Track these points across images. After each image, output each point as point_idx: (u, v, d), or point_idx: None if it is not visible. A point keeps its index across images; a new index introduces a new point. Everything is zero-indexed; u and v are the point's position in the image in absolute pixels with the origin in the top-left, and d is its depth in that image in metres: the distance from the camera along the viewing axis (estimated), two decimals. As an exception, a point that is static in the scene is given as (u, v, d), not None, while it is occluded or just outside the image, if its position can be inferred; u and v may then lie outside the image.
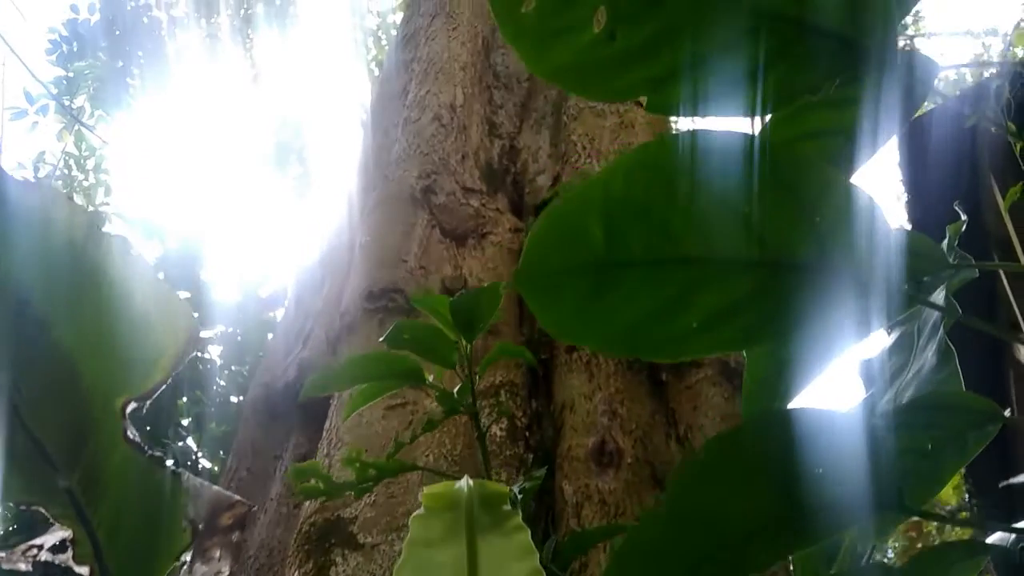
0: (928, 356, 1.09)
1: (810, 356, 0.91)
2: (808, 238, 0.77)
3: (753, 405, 0.97)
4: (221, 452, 4.86)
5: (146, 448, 0.90)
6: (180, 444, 4.84)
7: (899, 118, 0.93)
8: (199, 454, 4.98)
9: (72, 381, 0.90)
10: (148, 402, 0.91)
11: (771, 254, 0.77)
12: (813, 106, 0.91)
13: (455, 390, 1.26)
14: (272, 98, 8.53)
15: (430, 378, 1.25)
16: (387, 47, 8.39)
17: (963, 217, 1.24)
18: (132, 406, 0.91)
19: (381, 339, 1.12)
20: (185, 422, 5.19)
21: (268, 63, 8.67)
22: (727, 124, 0.89)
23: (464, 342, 1.19)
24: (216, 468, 5.04)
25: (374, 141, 3.59)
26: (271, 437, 2.69)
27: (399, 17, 8.68)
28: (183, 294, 5.28)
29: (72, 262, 0.87)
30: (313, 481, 1.19)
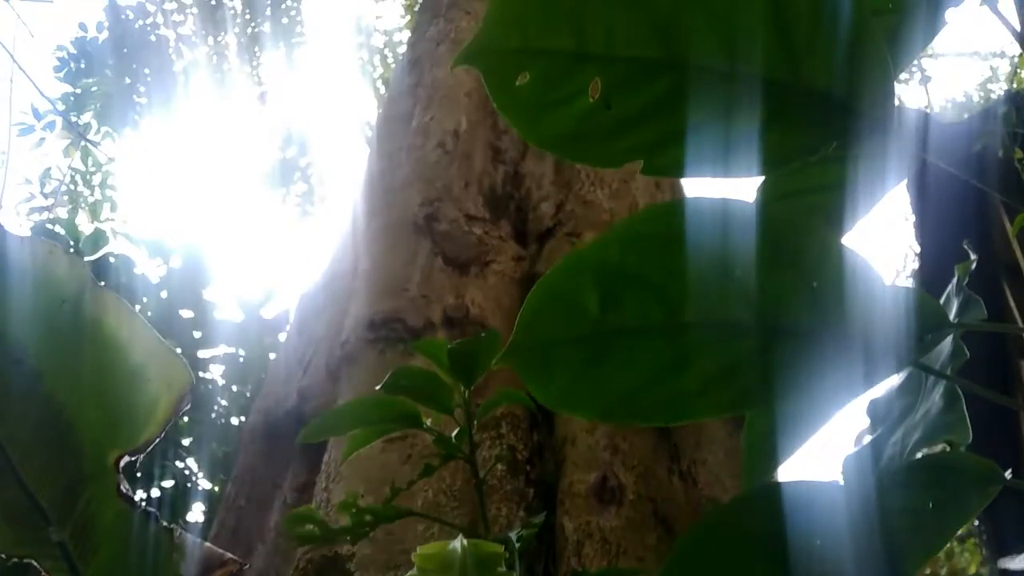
0: (936, 398, 1.08)
1: (809, 416, 0.90)
2: (806, 303, 0.77)
3: (753, 463, 0.96)
4: (221, 475, 4.84)
5: (139, 503, 0.89)
6: (180, 464, 4.82)
7: (897, 174, 0.93)
8: (199, 475, 4.96)
9: (66, 435, 0.89)
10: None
11: (769, 319, 0.76)
12: (810, 163, 0.90)
13: (453, 434, 1.25)
14: (278, 116, 8.58)
15: (428, 421, 1.24)
16: (393, 65, 8.45)
17: (972, 256, 1.24)
18: (125, 460, 0.90)
19: (379, 387, 1.11)
20: (186, 442, 5.18)
21: (275, 81, 8.73)
22: (725, 182, 0.89)
23: (462, 388, 1.18)
24: (216, 488, 5.02)
25: (379, 164, 3.60)
26: (270, 465, 2.68)
27: (406, 35, 8.75)
28: (186, 313, 5.29)
29: (68, 317, 0.87)
30: (309, 527, 1.18)
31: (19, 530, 0.91)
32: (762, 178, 0.96)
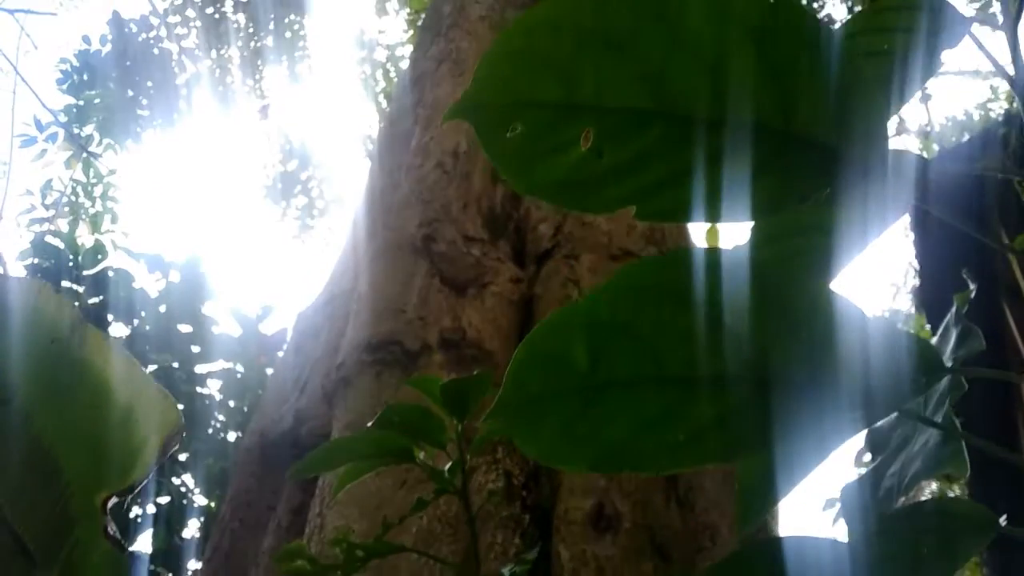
0: (933, 430, 1.08)
1: (803, 459, 0.89)
2: (798, 351, 0.76)
3: (747, 505, 0.95)
4: (218, 491, 4.82)
5: (125, 545, 0.88)
6: (176, 481, 4.80)
7: (891, 217, 0.93)
8: (195, 491, 4.93)
9: (54, 476, 0.89)
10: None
11: (761, 368, 0.76)
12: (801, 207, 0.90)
13: (446, 468, 1.24)
14: (280, 129, 8.61)
15: (420, 455, 1.23)
16: (395, 79, 8.49)
17: (971, 285, 1.23)
18: (113, 501, 0.89)
19: (371, 424, 1.10)
20: (183, 457, 5.16)
21: (277, 95, 8.77)
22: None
23: (455, 422, 1.17)
24: (212, 504, 5.00)
25: (379, 181, 3.61)
26: (265, 486, 2.66)
27: (408, 49, 8.79)
28: (184, 328, 5.28)
29: (56, 357, 0.87)
30: (300, 562, 1.17)
31: (5, 572, 0.90)
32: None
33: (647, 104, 0.70)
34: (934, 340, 1.19)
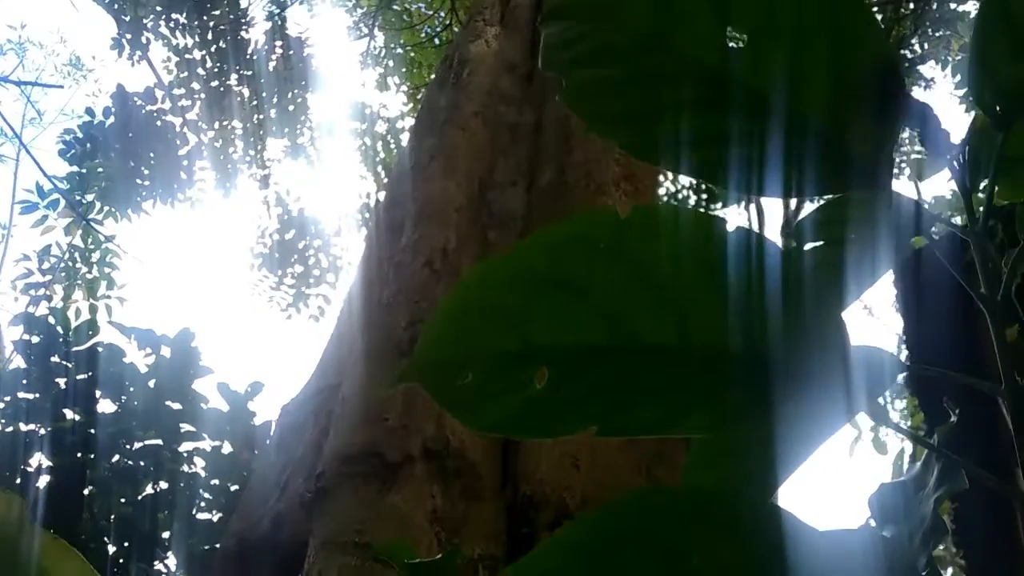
0: (921, 564, 1.05)
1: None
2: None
3: None
4: (200, 573, 4.69)
5: None
6: (157, 564, 4.68)
7: (848, 413, 0.92)
8: (176, 573, 4.80)
9: None
10: None
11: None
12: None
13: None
14: (280, 198, 8.70)
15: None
16: (395, 151, 8.64)
17: (953, 416, 1.21)
18: None
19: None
20: (166, 535, 5.04)
21: (278, 166, 8.91)
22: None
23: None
24: (194, 586, 4.86)
25: (370, 271, 3.62)
26: (242, 593, 2.59)
27: (409, 122, 8.97)
28: (174, 404, 5.23)
29: (5, 555, 0.84)
30: None
31: None
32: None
33: (603, 340, 0.70)
34: (917, 467, 1.18)
